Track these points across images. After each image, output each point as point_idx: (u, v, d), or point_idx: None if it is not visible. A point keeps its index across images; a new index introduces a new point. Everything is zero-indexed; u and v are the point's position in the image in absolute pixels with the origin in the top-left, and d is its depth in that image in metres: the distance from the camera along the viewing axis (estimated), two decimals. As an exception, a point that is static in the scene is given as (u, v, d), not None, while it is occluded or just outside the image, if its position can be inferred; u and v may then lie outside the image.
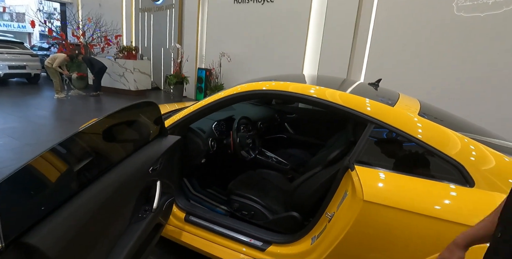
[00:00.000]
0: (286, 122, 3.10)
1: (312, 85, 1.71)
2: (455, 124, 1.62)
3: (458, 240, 0.83)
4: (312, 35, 5.93)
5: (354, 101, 1.52)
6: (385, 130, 1.42)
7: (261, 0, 6.37)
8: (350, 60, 5.58)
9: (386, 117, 1.42)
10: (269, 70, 6.21)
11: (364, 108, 1.47)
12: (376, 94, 1.81)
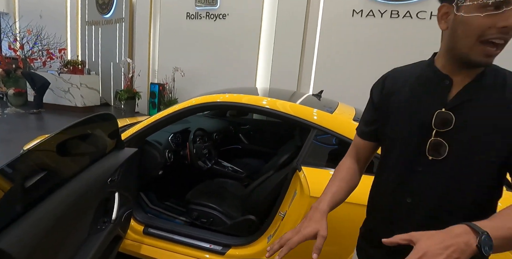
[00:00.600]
0: (240, 133, 3.24)
1: (264, 97, 1.88)
2: None
3: (323, 207, 0.83)
4: (264, 51, 6.27)
5: (300, 110, 1.71)
6: (326, 134, 1.63)
7: (214, 16, 6.58)
8: (299, 74, 5.98)
9: (326, 123, 1.63)
10: (223, 84, 6.34)
11: (308, 116, 1.67)
12: (318, 103, 2.04)
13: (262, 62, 6.31)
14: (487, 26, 0.66)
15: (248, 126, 3.28)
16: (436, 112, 0.74)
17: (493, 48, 0.67)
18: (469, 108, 0.72)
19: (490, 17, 0.66)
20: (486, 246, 0.54)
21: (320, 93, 2.27)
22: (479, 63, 0.69)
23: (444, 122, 0.73)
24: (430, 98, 0.77)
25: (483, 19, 0.66)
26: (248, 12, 6.19)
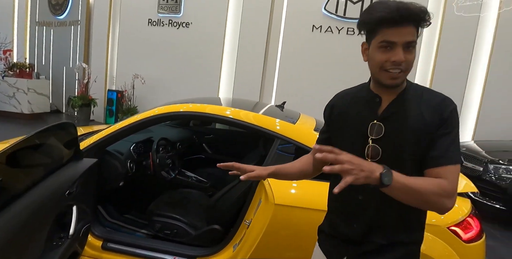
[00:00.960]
0: (204, 143, 3.23)
1: (228, 107, 1.92)
2: None
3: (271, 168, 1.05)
4: (227, 61, 6.35)
5: (264, 120, 1.78)
6: (289, 144, 1.70)
7: (177, 24, 6.53)
8: (261, 85, 6.14)
9: (289, 133, 1.71)
10: (185, 93, 6.29)
11: (272, 126, 1.74)
12: (281, 114, 2.13)
13: (225, 72, 6.38)
14: (384, 60, 0.87)
15: (211, 135, 3.29)
16: (370, 123, 0.94)
17: (394, 74, 0.87)
18: (395, 119, 0.92)
19: (385, 53, 0.87)
20: (386, 177, 0.76)
21: (283, 104, 2.37)
22: (387, 85, 0.90)
23: (377, 131, 0.93)
24: (366, 113, 0.97)
25: (381, 55, 0.88)
26: (211, 22, 6.25)
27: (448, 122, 0.88)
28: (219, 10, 6.19)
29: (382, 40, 0.86)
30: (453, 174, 0.85)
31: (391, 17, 0.82)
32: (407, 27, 0.84)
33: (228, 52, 6.31)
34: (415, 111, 0.91)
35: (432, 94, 0.94)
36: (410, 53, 0.87)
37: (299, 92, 5.92)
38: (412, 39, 0.86)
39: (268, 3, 5.93)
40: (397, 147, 0.91)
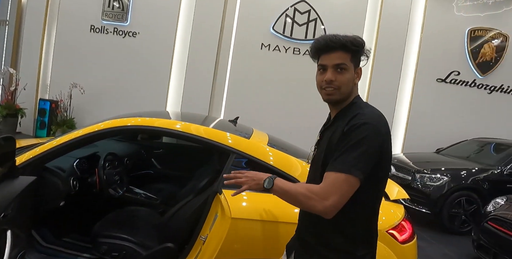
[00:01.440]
0: (153, 158, 3.11)
1: (178, 120, 1.91)
2: (295, 152, 2.14)
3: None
4: (176, 74, 6.26)
5: (217, 134, 1.81)
6: (244, 158, 1.75)
7: (123, 33, 6.28)
8: (211, 99, 6.15)
9: (244, 148, 1.76)
10: (130, 106, 6.00)
11: (226, 141, 1.77)
12: (235, 129, 2.18)
13: (173, 85, 6.27)
14: (320, 81, 1.07)
15: (161, 150, 3.18)
16: (318, 134, 1.16)
17: (327, 91, 1.05)
18: (326, 133, 1.10)
19: (321, 75, 1.07)
20: (265, 183, 1.01)
21: (236, 120, 2.43)
22: (325, 100, 1.09)
23: (317, 141, 1.15)
24: (323, 127, 1.17)
25: (319, 77, 1.08)
26: (160, 33, 6.14)
27: (347, 136, 0.96)
28: (168, 21, 6.12)
29: (319, 64, 1.08)
30: (330, 180, 0.93)
31: (322, 46, 1.04)
32: (336, 52, 1.02)
33: (177, 64, 6.23)
34: (336, 127, 1.04)
35: (355, 110, 1.03)
36: (342, 74, 1.03)
37: (248, 107, 6.07)
38: (341, 62, 1.02)
39: (219, 18, 6.06)
40: (319, 156, 1.08)
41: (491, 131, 6.58)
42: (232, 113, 5.95)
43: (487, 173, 4.45)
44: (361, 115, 0.99)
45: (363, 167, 0.92)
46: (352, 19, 6.20)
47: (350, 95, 1.07)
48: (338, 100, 1.06)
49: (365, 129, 0.94)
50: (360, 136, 0.94)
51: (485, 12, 6.47)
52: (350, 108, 1.06)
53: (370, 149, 0.94)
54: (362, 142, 0.93)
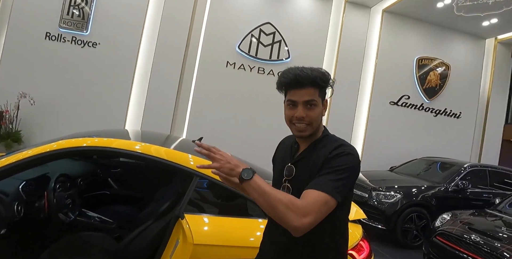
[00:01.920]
0: (109, 177, 2.94)
1: (137, 141, 1.85)
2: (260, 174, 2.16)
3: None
4: (137, 89, 6.05)
5: (180, 157, 1.78)
6: (209, 182, 1.73)
7: (81, 43, 5.99)
8: (173, 117, 6.02)
9: (207, 171, 1.74)
10: (86, 120, 5.70)
11: (189, 163, 1.74)
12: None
13: (134, 101, 6.03)
14: (291, 116, 1.07)
15: (118, 169, 3.01)
16: (286, 166, 1.12)
17: (299, 127, 1.06)
18: (303, 163, 1.09)
19: (291, 110, 1.07)
20: (245, 173, 0.92)
21: (200, 140, 2.40)
22: (297, 136, 1.11)
23: (290, 172, 1.10)
24: (287, 157, 1.16)
25: (288, 112, 1.09)
26: (123, 46, 5.97)
27: (332, 161, 0.99)
28: (132, 34, 5.96)
29: (288, 99, 1.08)
30: (313, 198, 0.90)
31: (291, 81, 1.04)
32: (306, 89, 1.03)
33: (139, 79, 6.04)
34: (317, 157, 1.05)
35: (335, 142, 1.07)
36: (312, 109, 1.05)
37: (212, 125, 6.04)
38: (311, 98, 1.04)
39: (185, 34, 6.07)
40: (301, 187, 1.01)
41: (437, 151, 7.18)
42: (195, 132, 5.91)
43: (435, 190, 4.81)
44: (345, 146, 1.04)
45: (343, 191, 0.97)
46: (314, 44, 6.56)
47: (318, 126, 1.10)
48: (310, 134, 1.08)
49: (350, 159, 1.01)
50: (346, 164, 0.99)
51: (430, 42, 7.22)
52: (325, 140, 1.10)
53: (352, 177, 1.00)
54: (347, 169, 0.98)
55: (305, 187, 0.98)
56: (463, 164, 5.50)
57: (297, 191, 1.02)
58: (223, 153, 0.98)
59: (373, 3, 6.76)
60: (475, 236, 3.15)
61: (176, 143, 2.23)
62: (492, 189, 5.31)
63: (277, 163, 1.22)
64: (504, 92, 8.08)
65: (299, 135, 1.09)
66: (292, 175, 1.09)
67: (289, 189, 1.08)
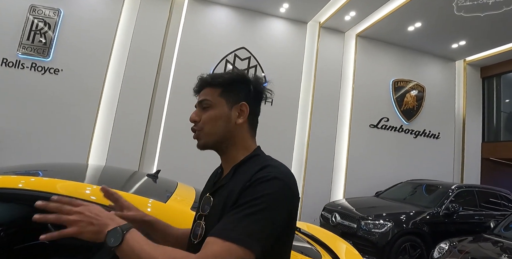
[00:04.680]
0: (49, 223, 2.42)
1: (89, 184, 1.45)
2: None
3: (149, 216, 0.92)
4: (102, 119, 5.59)
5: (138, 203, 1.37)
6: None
7: (42, 69, 5.55)
8: (142, 150, 5.54)
9: (159, 215, 1.34)
10: (44, 152, 5.16)
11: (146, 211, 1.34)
12: (154, 187, 1.75)
13: (99, 133, 5.53)
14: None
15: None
16: (204, 197, 0.83)
17: (194, 135, 0.87)
18: (220, 193, 0.79)
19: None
20: (112, 238, 0.64)
21: (157, 174, 1.99)
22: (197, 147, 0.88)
23: (206, 206, 0.80)
24: (209, 186, 0.88)
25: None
26: (88, 72, 5.58)
27: (249, 191, 0.70)
28: (99, 61, 5.62)
29: None
30: (213, 250, 0.62)
31: (194, 87, 0.92)
32: (203, 90, 0.88)
33: (105, 109, 5.59)
34: (234, 184, 0.75)
35: (261, 163, 0.78)
36: (205, 111, 0.85)
37: (185, 158, 5.59)
38: (204, 98, 0.85)
39: (155, 61, 5.80)
40: (212, 227, 0.71)
41: (420, 172, 7.02)
42: (167, 166, 5.39)
43: (425, 215, 4.52)
44: (271, 167, 0.74)
45: (264, 237, 0.65)
46: (290, 69, 6.46)
47: (230, 138, 0.83)
48: (206, 144, 0.85)
49: (275, 186, 0.70)
50: (266, 192, 0.68)
51: (404, 65, 7.34)
52: (252, 161, 0.81)
53: (276, 212, 0.68)
54: (269, 201, 0.67)
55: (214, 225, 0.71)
56: (449, 185, 5.31)
57: (209, 230, 0.73)
58: (84, 208, 0.67)
59: (346, 28, 6.86)
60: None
61: (139, 183, 1.83)
62: (482, 210, 5.11)
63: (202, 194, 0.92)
64: (478, 111, 8.22)
65: (197, 145, 0.87)
66: (208, 209, 0.80)
67: (203, 228, 0.78)
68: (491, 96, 8.35)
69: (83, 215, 0.66)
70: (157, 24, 5.86)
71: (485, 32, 6.41)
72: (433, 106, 7.60)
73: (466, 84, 8.03)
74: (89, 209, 0.67)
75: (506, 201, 5.40)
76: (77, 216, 0.65)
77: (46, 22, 5.60)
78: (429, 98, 7.58)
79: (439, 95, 7.74)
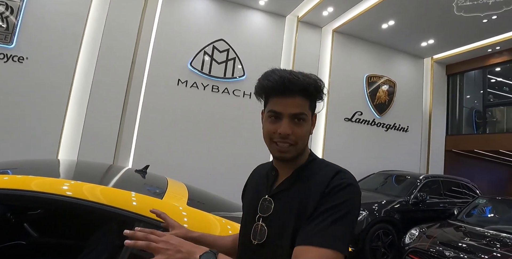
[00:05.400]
0: (26, 222, 2.27)
1: (67, 179, 1.39)
2: (213, 204, 1.78)
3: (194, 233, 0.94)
4: (73, 111, 5.27)
5: (120, 197, 1.33)
6: (155, 228, 1.30)
7: (4, 57, 5.12)
8: (117, 142, 5.34)
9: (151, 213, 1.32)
10: (11, 148, 4.81)
11: (131, 205, 1.31)
12: (144, 183, 1.71)
13: (70, 125, 5.22)
14: (272, 131, 0.81)
15: (39, 210, 2.35)
16: (261, 199, 0.84)
17: (282, 147, 0.80)
18: (284, 196, 0.81)
19: (273, 124, 0.81)
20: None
21: (145, 169, 1.95)
22: (277, 157, 0.84)
23: (267, 208, 0.82)
24: (262, 188, 0.88)
25: (270, 125, 0.82)
26: (57, 61, 5.22)
27: (329, 198, 0.74)
28: (69, 48, 5.24)
29: (270, 109, 0.82)
30: (308, 256, 0.66)
31: (274, 86, 0.79)
32: (294, 98, 0.79)
33: (76, 100, 5.28)
34: (304, 189, 0.79)
35: (328, 168, 0.82)
36: (300, 126, 0.80)
37: (162, 150, 5.48)
38: (299, 111, 0.79)
39: (131, 49, 5.55)
40: (281, 229, 0.78)
41: (390, 164, 7.40)
42: (143, 158, 5.27)
43: (395, 203, 4.79)
44: (343, 174, 0.78)
45: (349, 238, 0.71)
46: (268, 62, 6.45)
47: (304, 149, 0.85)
48: (294, 157, 0.82)
49: (351, 191, 0.75)
50: (346, 199, 0.74)
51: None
52: (313, 166, 0.85)
53: (355, 216, 0.75)
54: (348, 207, 0.73)
55: (286, 230, 0.75)
56: (417, 176, 5.64)
57: (275, 235, 0.78)
58: (169, 237, 0.71)
59: (323, 24, 6.96)
60: (448, 252, 3.10)
61: (117, 176, 1.77)
62: (446, 198, 5.49)
63: (249, 196, 0.93)
64: (443, 106, 8.76)
65: (280, 157, 0.82)
66: (269, 211, 0.82)
67: (264, 230, 0.80)
68: (454, 92, 8.91)
69: (169, 243, 0.69)
70: (131, 12, 5.60)
71: (451, 32, 6.80)
72: (403, 101, 7.98)
73: (433, 80, 8.50)
74: (172, 238, 0.71)
75: (466, 190, 5.85)
76: (164, 244, 0.68)
77: (8, 6, 5.17)
78: (400, 93, 7.94)
79: (409, 90, 8.14)
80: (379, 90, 7.65)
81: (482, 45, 7.40)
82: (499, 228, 3.72)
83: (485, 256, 2.94)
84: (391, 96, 7.82)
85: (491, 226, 3.82)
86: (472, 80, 8.81)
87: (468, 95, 8.94)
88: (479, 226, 3.78)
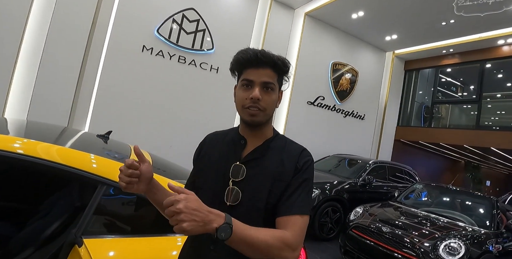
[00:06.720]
0: None
1: (18, 137, 1.30)
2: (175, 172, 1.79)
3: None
4: (23, 68, 4.78)
5: (79, 158, 1.29)
6: (119, 191, 1.30)
7: None
8: (73, 105, 5.00)
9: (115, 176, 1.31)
10: None
11: (91, 167, 1.28)
12: (106, 148, 1.67)
13: (18, 84, 4.73)
14: (244, 98, 0.93)
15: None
16: (233, 165, 0.93)
17: (252, 111, 0.92)
18: (257, 164, 0.94)
19: (245, 91, 0.93)
20: (223, 232, 0.71)
21: (108, 135, 1.89)
22: (247, 121, 0.94)
23: (239, 173, 0.92)
24: (231, 155, 0.97)
25: (242, 93, 0.94)
26: (4, 15, 4.63)
27: (302, 172, 0.92)
28: (18, 2, 4.69)
29: (243, 78, 0.94)
30: (299, 225, 0.85)
31: (248, 58, 0.92)
32: (265, 69, 0.93)
33: (26, 57, 4.78)
34: (276, 159, 0.94)
35: (294, 145, 1.00)
36: (269, 94, 0.93)
37: (121, 117, 5.25)
38: (269, 81, 0.92)
39: (92, 8, 5.08)
40: (255, 193, 0.89)
41: (346, 148, 7.86)
42: (100, 124, 5.03)
43: (345, 184, 5.17)
44: (307, 151, 0.98)
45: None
46: (238, 38, 6.35)
47: (270, 119, 0.99)
48: (261, 122, 0.95)
49: (313, 168, 0.96)
50: (310, 174, 0.94)
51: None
52: (279, 140, 1.01)
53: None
54: (312, 181, 0.95)
55: (261, 192, 0.89)
56: (367, 160, 6.09)
57: (249, 195, 0.90)
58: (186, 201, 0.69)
59: (297, 5, 6.92)
60: (385, 228, 3.44)
61: (75, 138, 1.69)
62: (390, 182, 6.03)
63: (211, 160, 1.00)
64: (398, 99, 9.38)
65: (250, 120, 0.93)
66: (241, 176, 0.92)
67: (237, 192, 0.91)
68: (409, 87, 9.56)
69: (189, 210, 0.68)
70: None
71: (413, 30, 7.19)
72: (363, 90, 8.39)
73: (392, 74, 9.01)
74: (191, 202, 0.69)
75: (408, 176, 6.47)
76: (185, 212, 0.67)
77: None
78: (361, 83, 8.32)
79: (369, 81, 8.56)
80: (342, 78, 7.94)
81: (438, 46, 7.95)
82: (430, 210, 4.22)
83: (415, 232, 3.33)
84: (352, 85, 8.17)
85: (424, 208, 4.31)
86: (426, 77, 9.50)
87: (421, 91, 9.65)
88: (414, 208, 4.24)
